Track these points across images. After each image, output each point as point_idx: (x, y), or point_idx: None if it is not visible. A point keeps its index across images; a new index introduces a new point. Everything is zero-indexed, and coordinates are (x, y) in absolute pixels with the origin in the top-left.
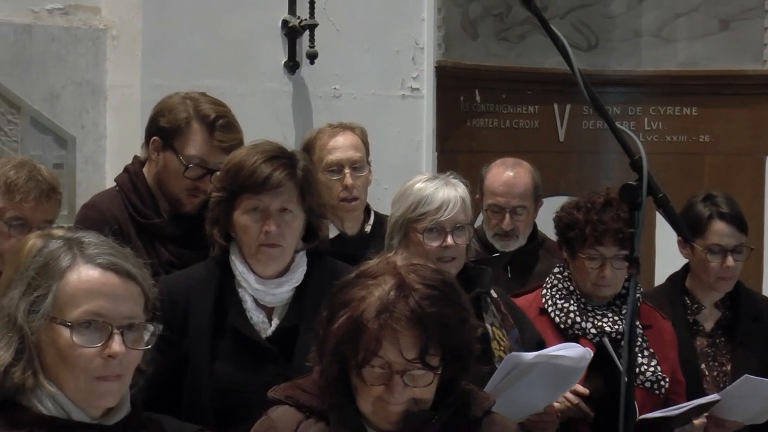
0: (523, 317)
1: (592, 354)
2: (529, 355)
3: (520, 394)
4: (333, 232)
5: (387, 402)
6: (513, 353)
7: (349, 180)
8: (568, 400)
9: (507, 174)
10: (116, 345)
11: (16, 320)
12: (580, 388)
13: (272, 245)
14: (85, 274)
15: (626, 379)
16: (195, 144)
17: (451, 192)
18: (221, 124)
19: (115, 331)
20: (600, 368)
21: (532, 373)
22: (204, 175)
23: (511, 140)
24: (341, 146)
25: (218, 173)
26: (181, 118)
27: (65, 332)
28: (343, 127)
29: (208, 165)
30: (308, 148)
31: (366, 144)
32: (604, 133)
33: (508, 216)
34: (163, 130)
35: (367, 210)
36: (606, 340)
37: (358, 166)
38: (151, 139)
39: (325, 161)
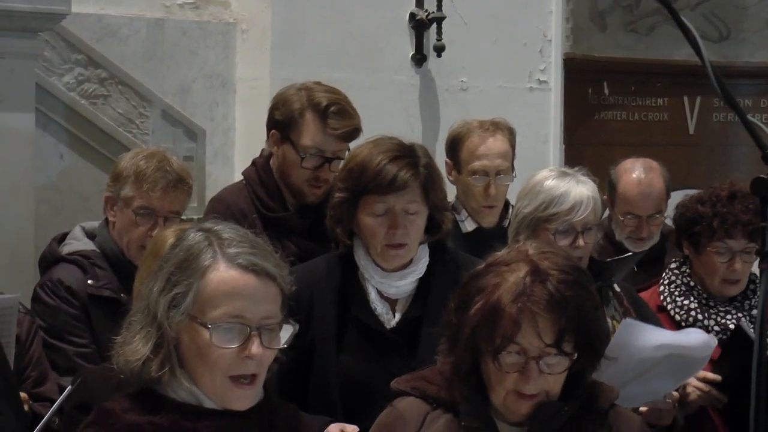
0: (649, 313)
1: (716, 341)
2: (647, 327)
3: (641, 383)
4: (471, 226)
5: (521, 391)
6: (628, 319)
7: (492, 190)
8: (699, 389)
9: (641, 182)
10: (254, 347)
11: (156, 315)
12: (710, 375)
13: (399, 246)
14: (225, 274)
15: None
16: (309, 133)
17: (583, 191)
18: (333, 111)
19: (254, 332)
20: (738, 351)
21: (659, 367)
22: (322, 164)
23: (640, 133)
24: (490, 154)
25: (335, 166)
26: (295, 109)
27: (204, 332)
28: (494, 129)
29: (325, 154)
30: (455, 142)
31: (513, 147)
32: (735, 126)
33: (645, 224)
34: (279, 122)
35: (506, 204)
36: (744, 320)
37: (504, 174)
38: (270, 133)
39: (471, 166)
